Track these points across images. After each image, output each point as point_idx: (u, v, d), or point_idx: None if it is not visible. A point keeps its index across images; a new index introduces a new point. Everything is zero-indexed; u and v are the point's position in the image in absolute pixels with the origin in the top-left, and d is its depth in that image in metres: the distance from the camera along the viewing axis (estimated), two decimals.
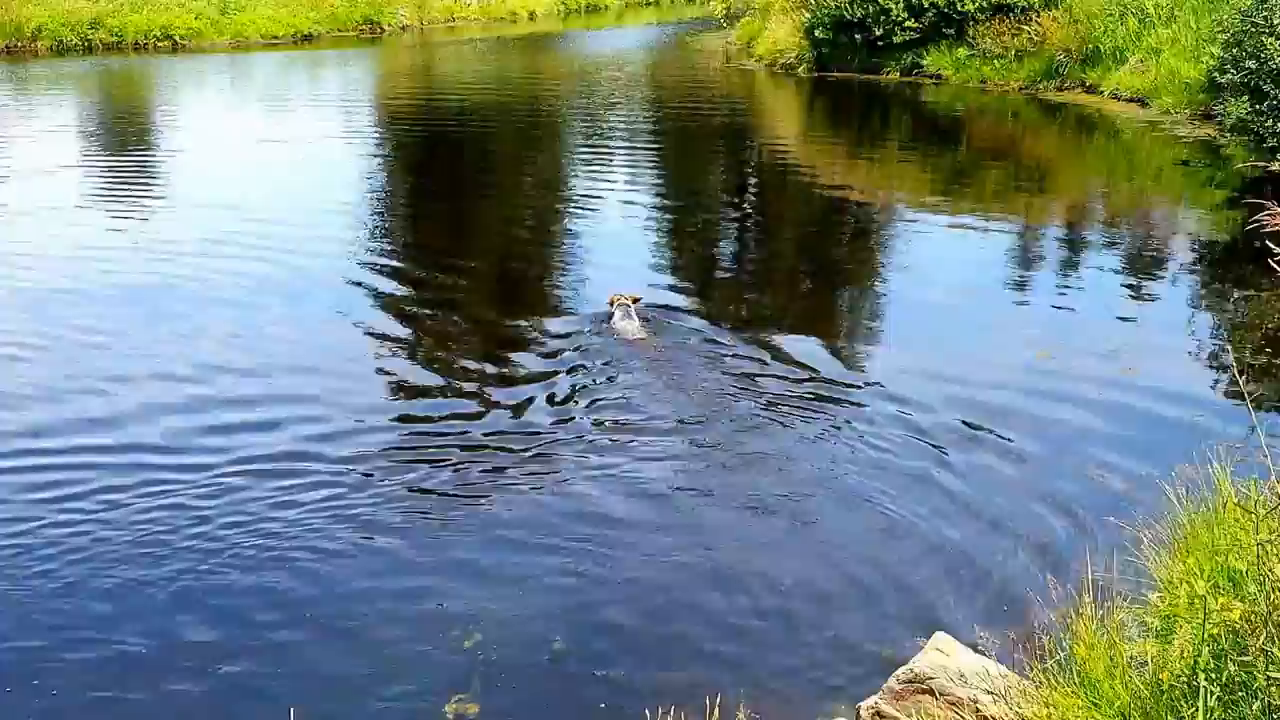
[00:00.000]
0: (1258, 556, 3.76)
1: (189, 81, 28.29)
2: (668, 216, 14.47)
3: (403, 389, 8.67)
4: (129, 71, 29.73)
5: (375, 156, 19.32)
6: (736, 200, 15.85)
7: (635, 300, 9.85)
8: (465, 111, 23.60)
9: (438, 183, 17.26)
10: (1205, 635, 3.72)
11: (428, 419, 8.05)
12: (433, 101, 25.37)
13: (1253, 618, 3.61)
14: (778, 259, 11.68)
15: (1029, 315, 10.12)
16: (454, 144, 20.21)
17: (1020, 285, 11.08)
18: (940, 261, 11.99)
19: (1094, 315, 9.99)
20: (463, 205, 15.37)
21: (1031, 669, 4.50)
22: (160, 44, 32.64)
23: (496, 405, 8.22)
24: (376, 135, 21.43)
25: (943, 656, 4.66)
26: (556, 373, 8.79)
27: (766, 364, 8.84)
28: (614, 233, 13.51)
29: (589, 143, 19.99)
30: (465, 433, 7.81)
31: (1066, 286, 10.94)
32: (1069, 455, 7.27)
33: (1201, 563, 4.63)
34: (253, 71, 29.78)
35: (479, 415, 8.08)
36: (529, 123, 22.36)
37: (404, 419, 8.07)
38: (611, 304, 9.83)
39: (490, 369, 9.01)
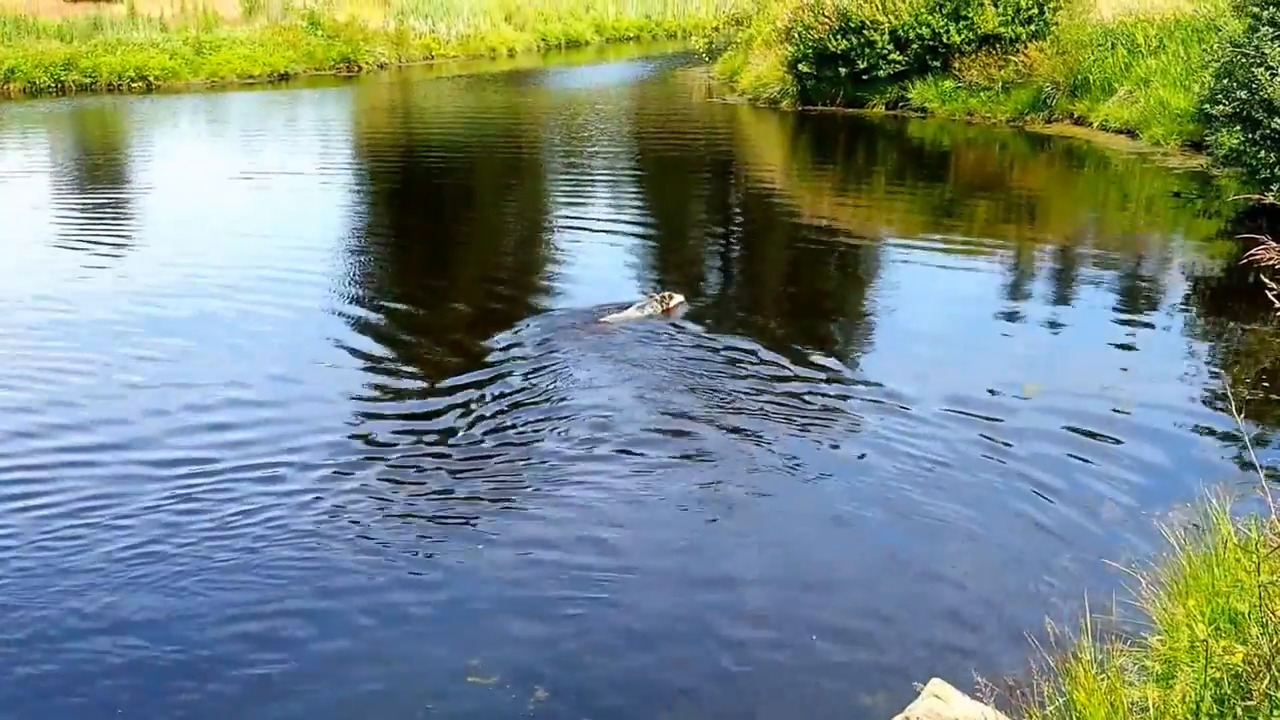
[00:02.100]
0: (1260, 598, 3.74)
1: (165, 121, 28.09)
2: (651, 251, 14.36)
3: (386, 418, 8.67)
4: (103, 112, 29.43)
5: (355, 193, 19.10)
6: (721, 235, 15.66)
7: (667, 300, 10.71)
8: (445, 148, 23.39)
9: (418, 217, 17.16)
10: (1207, 679, 3.71)
11: (411, 446, 8.10)
12: (412, 138, 25.18)
13: (1256, 661, 3.58)
14: (763, 294, 11.54)
15: (1019, 350, 9.92)
16: (434, 180, 20.00)
17: (1010, 319, 10.86)
18: (928, 296, 11.81)
19: (1086, 350, 9.81)
20: (443, 239, 15.39)
21: (1030, 716, 4.47)
22: (134, 85, 32.28)
23: (480, 433, 8.28)
24: (355, 172, 21.22)
25: (939, 703, 4.61)
26: (535, 399, 8.89)
27: (752, 398, 8.78)
28: (596, 265, 13.40)
29: (570, 178, 19.75)
30: (447, 455, 7.89)
31: (1058, 321, 10.77)
32: (1064, 494, 7.12)
33: (1202, 605, 4.50)
34: (229, 111, 29.57)
35: (462, 441, 8.14)
36: (510, 159, 22.15)
37: (386, 446, 8.10)
38: (665, 301, 10.73)
39: (472, 395, 9.00)
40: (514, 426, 8.36)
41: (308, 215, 16.85)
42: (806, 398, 8.79)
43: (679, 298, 11.00)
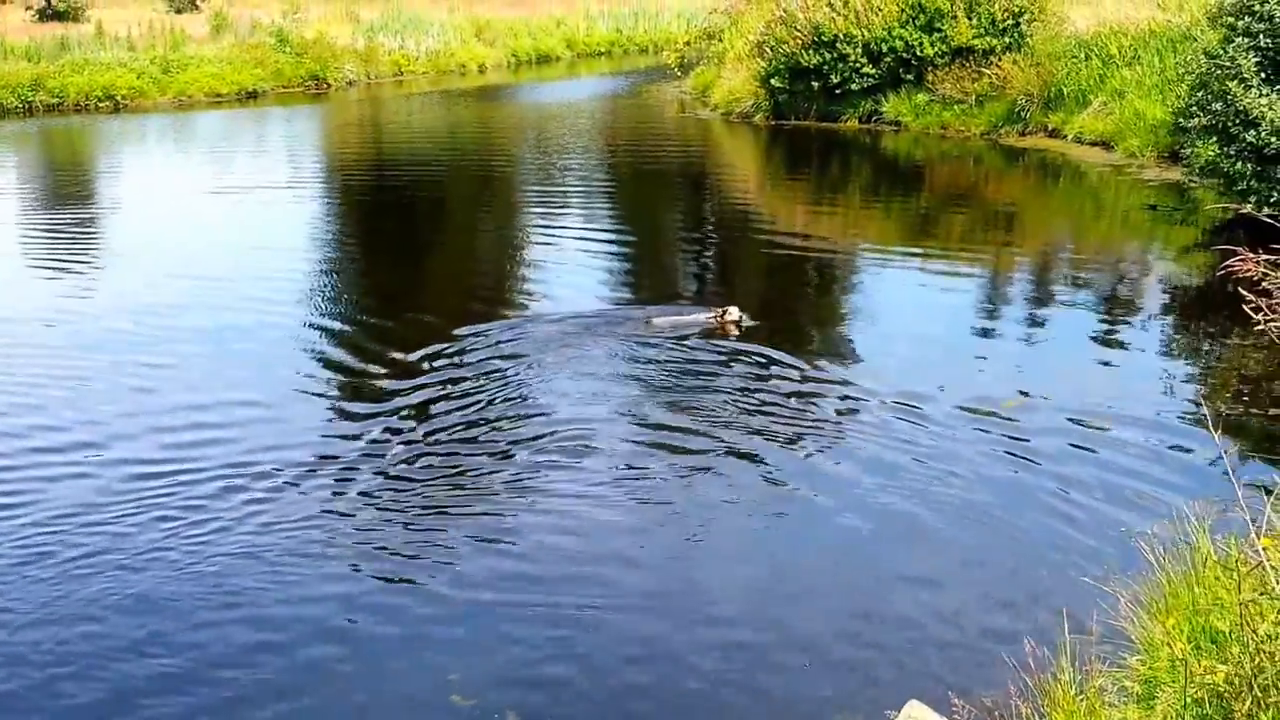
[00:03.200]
0: (1241, 617, 3.68)
1: (133, 140, 27.91)
2: (624, 266, 14.34)
3: (357, 431, 8.66)
4: (70, 132, 29.23)
5: (325, 209, 19.01)
6: (696, 249, 15.62)
7: (723, 315, 10.58)
8: (417, 164, 23.21)
9: (390, 232, 17.14)
10: (1188, 700, 3.70)
11: (385, 459, 8.12)
12: (382, 154, 25.03)
13: (1237, 681, 3.57)
14: (739, 305, 11.35)
15: (997, 365, 9.84)
16: (407, 196, 19.85)
17: (987, 334, 10.83)
18: (904, 310, 11.78)
19: (1064, 365, 9.75)
20: (417, 254, 15.42)
21: None
22: (102, 105, 31.95)
23: (456, 446, 8.30)
24: (326, 188, 21.10)
25: None
26: (511, 413, 8.92)
27: (726, 410, 8.78)
28: (571, 278, 13.35)
29: (544, 193, 19.62)
30: (422, 469, 7.92)
31: (1035, 336, 10.75)
32: (1042, 510, 7.08)
33: (1182, 623, 4.44)
34: (197, 129, 29.35)
35: (438, 454, 8.15)
36: (482, 174, 22.01)
37: (359, 459, 8.11)
38: (718, 317, 10.61)
39: (447, 408, 9.02)
40: (491, 439, 8.38)
41: (278, 231, 16.75)
42: (782, 411, 8.78)
43: (737, 312, 10.67)
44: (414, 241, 16.40)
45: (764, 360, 9.90)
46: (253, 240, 16.09)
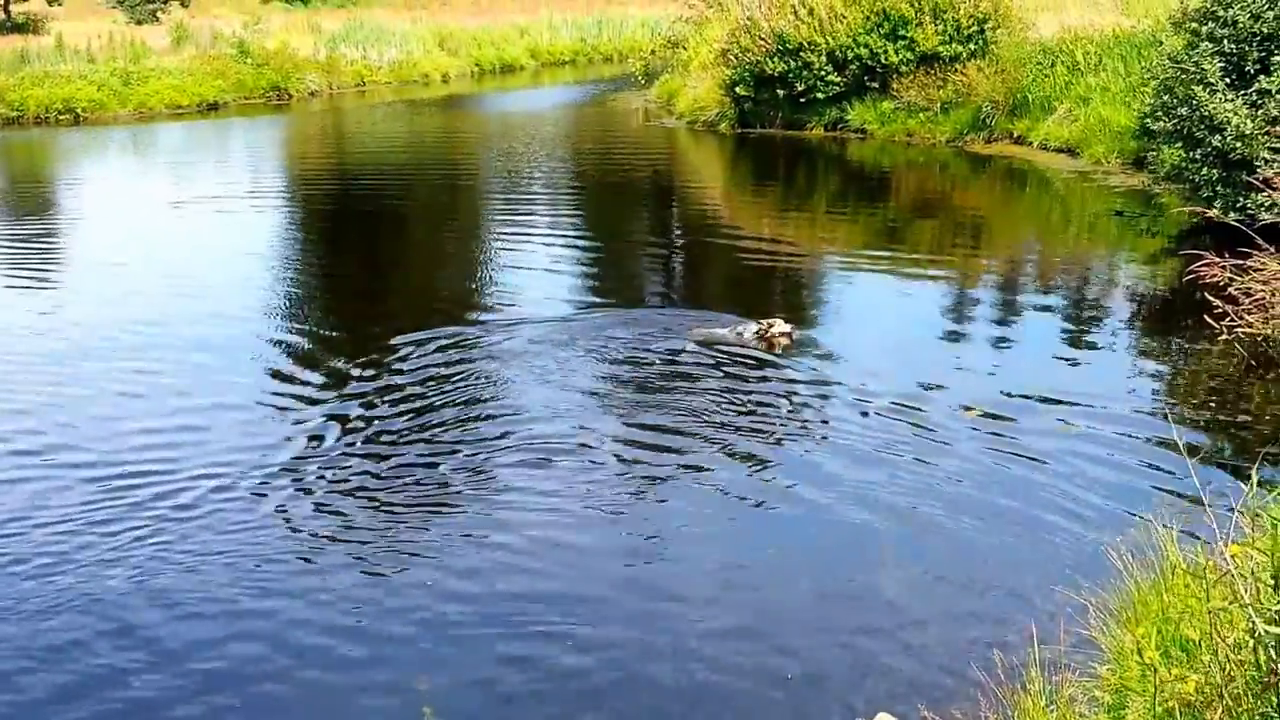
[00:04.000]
0: (1210, 625, 3.67)
1: (94, 153, 27.69)
2: (590, 274, 14.31)
3: (321, 440, 8.62)
4: (30, 145, 29.01)
5: (288, 219, 18.87)
6: (662, 259, 15.55)
7: (769, 328, 10.32)
8: (380, 174, 23.08)
9: (354, 242, 17.07)
10: (1158, 709, 3.68)
11: (347, 468, 8.09)
12: (346, 165, 24.87)
13: (1208, 690, 3.58)
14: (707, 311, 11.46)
15: (963, 371, 9.79)
16: (370, 206, 19.67)
17: (954, 340, 10.80)
18: (871, 317, 11.78)
19: (1030, 372, 9.71)
20: (380, 263, 15.45)
21: None
22: (62, 117, 31.60)
23: (422, 452, 8.30)
24: (288, 199, 20.94)
25: None
26: (479, 418, 8.93)
27: (693, 417, 8.75)
28: (537, 285, 13.28)
29: (509, 202, 19.51)
30: (387, 477, 7.90)
31: (1002, 342, 10.74)
32: (1009, 518, 7.04)
33: (1151, 632, 4.39)
34: (158, 141, 29.16)
35: (402, 461, 8.15)
36: (446, 183, 21.93)
37: (324, 469, 8.08)
38: (764, 330, 10.36)
39: (412, 414, 9.01)
40: (459, 445, 8.37)
41: (240, 243, 16.57)
42: (748, 418, 8.74)
43: (784, 325, 10.45)
44: (378, 251, 16.33)
45: (732, 365, 9.88)
46: (215, 252, 15.96)
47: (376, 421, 8.88)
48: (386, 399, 9.36)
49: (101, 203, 20.65)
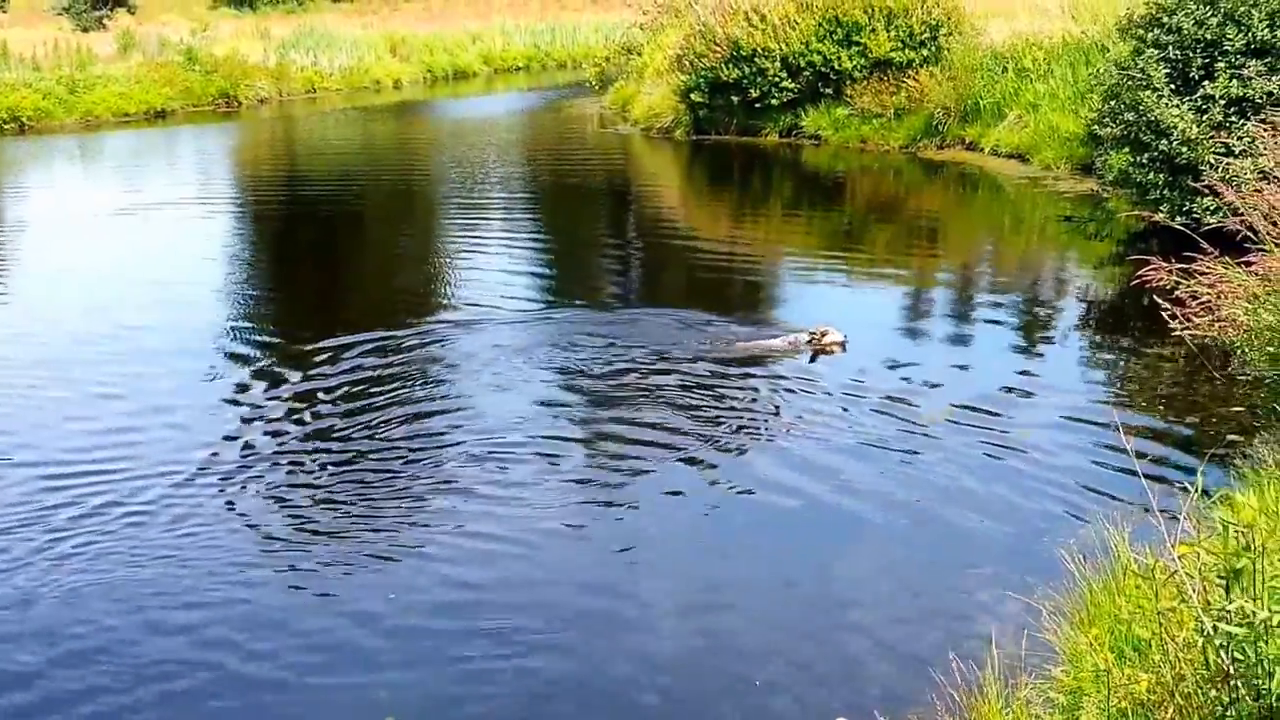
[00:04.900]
0: (1160, 625, 3.72)
1: (40, 161, 27.37)
2: (546, 279, 14.35)
3: (274, 445, 8.61)
4: None
5: (238, 225, 18.74)
6: (619, 265, 15.57)
7: (820, 337, 10.14)
8: (332, 180, 22.94)
9: (305, 249, 17.00)
10: (1112, 709, 3.73)
11: (303, 473, 8.07)
12: (296, 171, 24.71)
13: (1159, 689, 3.62)
14: (664, 315, 11.45)
15: (917, 376, 9.79)
16: (322, 212, 19.57)
17: (908, 345, 10.88)
18: (824, 321, 11.52)
19: (983, 377, 9.75)
20: (333, 270, 15.36)
21: None
22: (7, 126, 31.10)
23: (381, 458, 8.26)
24: (238, 205, 20.77)
25: None
26: (434, 424, 8.91)
27: (651, 422, 8.74)
28: (492, 291, 13.18)
29: (463, 209, 19.43)
30: (342, 484, 7.87)
31: (954, 348, 10.80)
32: (962, 523, 7.07)
33: (1104, 633, 4.47)
34: (105, 150, 28.78)
35: (357, 467, 8.12)
36: (400, 190, 21.80)
37: (276, 477, 8.05)
38: (817, 338, 10.18)
39: (371, 419, 8.96)
40: (416, 449, 8.35)
41: (190, 248, 16.48)
42: (705, 422, 8.75)
43: (837, 334, 10.30)
44: (331, 256, 16.26)
45: (680, 371, 9.89)
46: (163, 258, 15.85)
47: (333, 426, 8.83)
48: (341, 404, 9.31)
49: (48, 211, 20.36)
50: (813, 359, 10.10)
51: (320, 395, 9.56)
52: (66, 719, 5.44)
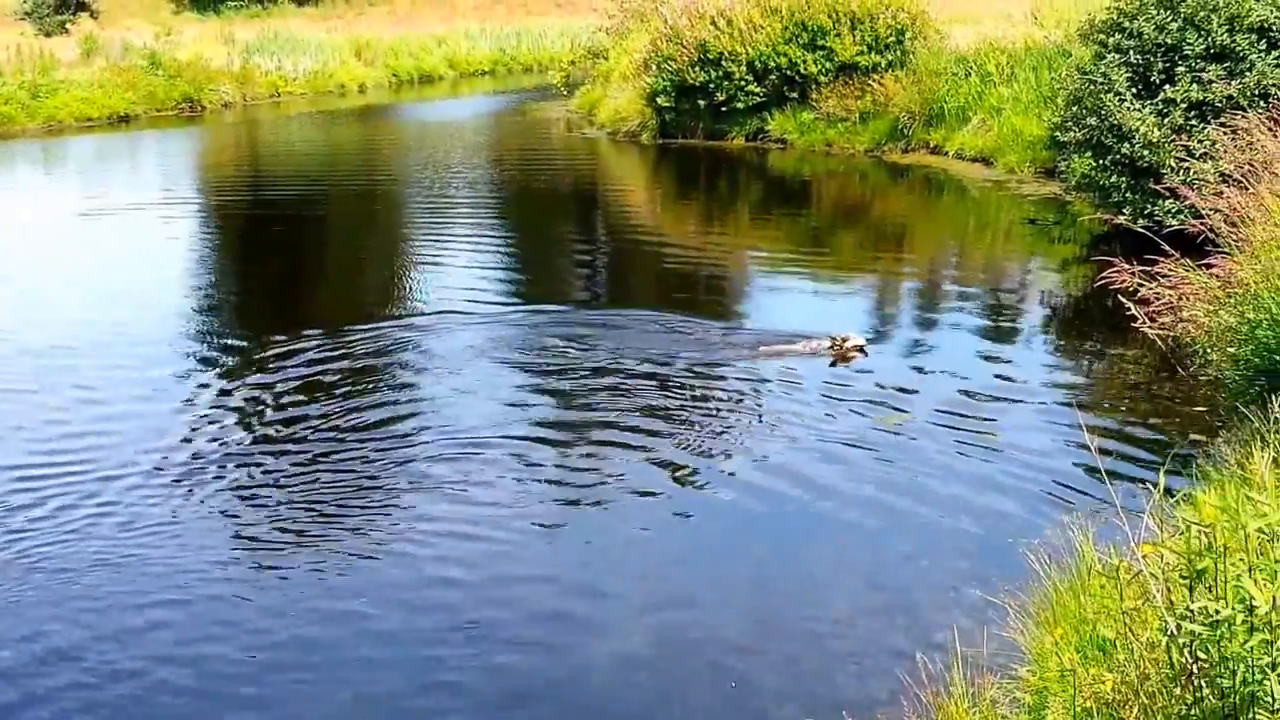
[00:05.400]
0: (1124, 624, 3.74)
1: (2, 167, 27.06)
2: (514, 282, 14.34)
3: (240, 445, 8.60)
4: None
5: (203, 228, 18.66)
6: (586, 268, 15.59)
7: (842, 343, 10.13)
8: (296, 183, 22.82)
9: (269, 253, 16.84)
10: (1077, 709, 3.73)
11: (264, 477, 8.04)
12: (260, 175, 24.55)
13: (1124, 688, 3.63)
14: (627, 327, 11.40)
15: (882, 378, 9.80)
16: (286, 215, 19.44)
17: (872, 349, 10.75)
18: (793, 324, 11.64)
19: (946, 378, 9.80)
20: (296, 274, 15.37)
21: None
22: None
23: (345, 459, 8.26)
24: (202, 209, 20.66)
25: None
26: (399, 425, 8.91)
27: (614, 437, 8.65)
28: (459, 294, 13.16)
29: (430, 212, 19.38)
30: (306, 487, 7.84)
31: (917, 350, 10.84)
32: (928, 524, 7.12)
33: (1070, 633, 4.50)
34: (68, 154, 28.61)
35: (322, 469, 8.10)
36: (365, 194, 21.68)
37: (241, 477, 8.04)
38: (838, 344, 10.16)
39: (332, 423, 8.95)
40: (386, 451, 8.38)
41: (153, 252, 16.44)
42: (677, 424, 8.78)
43: (858, 339, 10.33)
44: (297, 259, 16.26)
45: (647, 373, 9.92)
46: (125, 261, 15.82)
47: (300, 428, 8.83)
48: (309, 406, 9.32)
49: (8, 215, 20.20)
50: (833, 364, 10.10)
51: (286, 397, 9.53)
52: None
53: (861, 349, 10.26)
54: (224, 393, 9.79)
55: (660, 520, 7.38)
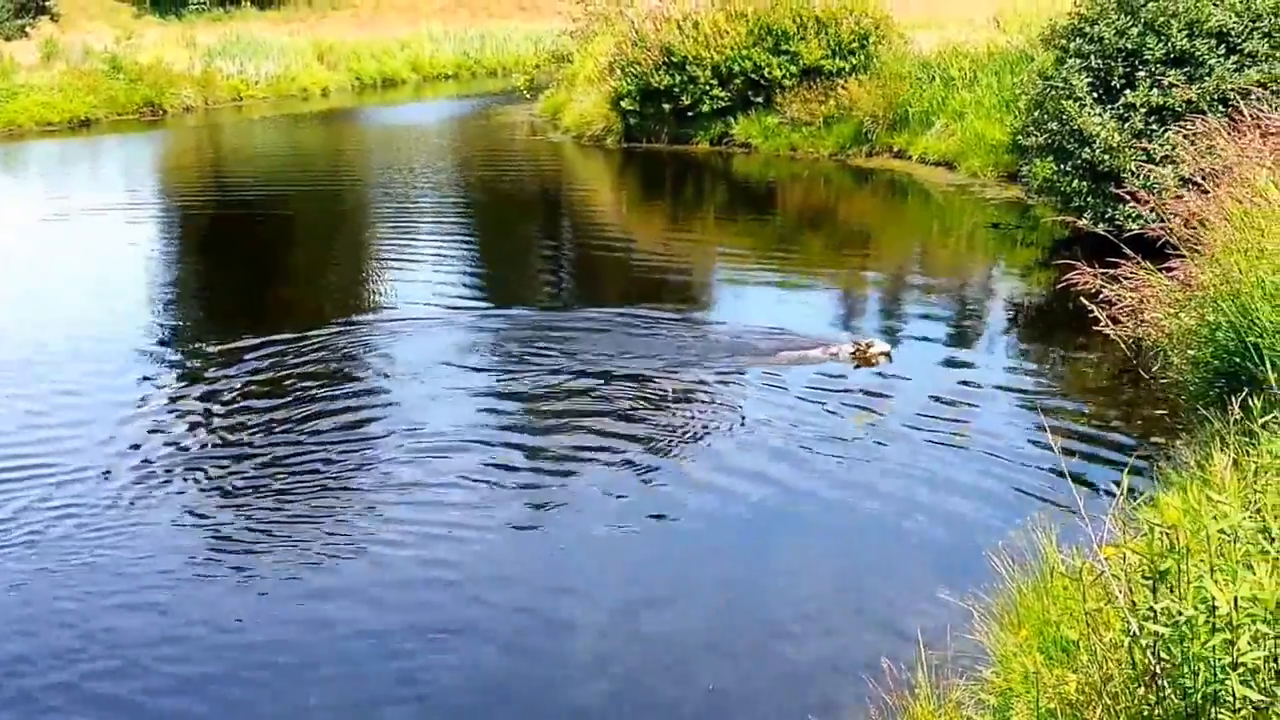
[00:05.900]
0: (1087, 626, 3.76)
1: None
2: (479, 284, 14.36)
3: (197, 456, 8.48)
4: None
5: (165, 233, 18.50)
6: (551, 272, 15.60)
7: (865, 349, 10.11)
8: (259, 187, 22.67)
9: (233, 256, 16.81)
10: (1041, 710, 3.76)
11: (233, 470, 8.08)
12: (223, 179, 24.36)
13: (1088, 689, 3.64)
14: (593, 335, 11.36)
15: (847, 381, 9.84)
16: (248, 219, 19.37)
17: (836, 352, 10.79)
18: (750, 329, 11.69)
19: (911, 381, 9.83)
20: (259, 277, 15.25)
21: None
22: None
23: (311, 464, 8.21)
24: (165, 213, 20.47)
25: None
26: (365, 431, 8.87)
27: (585, 441, 8.66)
28: (423, 298, 13.13)
29: (392, 214, 19.38)
30: (269, 491, 7.80)
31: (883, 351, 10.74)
32: (891, 527, 7.16)
33: (1034, 635, 4.52)
34: (29, 158, 28.39)
35: (286, 474, 8.05)
36: (329, 196, 21.58)
37: (202, 481, 7.99)
38: (862, 350, 10.12)
39: (300, 425, 8.94)
40: (354, 452, 8.36)
41: (115, 255, 16.31)
42: (642, 425, 8.81)
43: (882, 345, 10.30)
44: (260, 262, 16.18)
45: (613, 375, 9.95)
46: (90, 264, 15.73)
47: (266, 430, 8.80)
48: (274, 408, 9.29)
49: None
50: (856, 368, 10.09)
51: (250, 400, 9.49)
52: None
53: (887, 354, 10.22)
54: (183, 397, 9.74)
55: (629, 522, 7.38)
